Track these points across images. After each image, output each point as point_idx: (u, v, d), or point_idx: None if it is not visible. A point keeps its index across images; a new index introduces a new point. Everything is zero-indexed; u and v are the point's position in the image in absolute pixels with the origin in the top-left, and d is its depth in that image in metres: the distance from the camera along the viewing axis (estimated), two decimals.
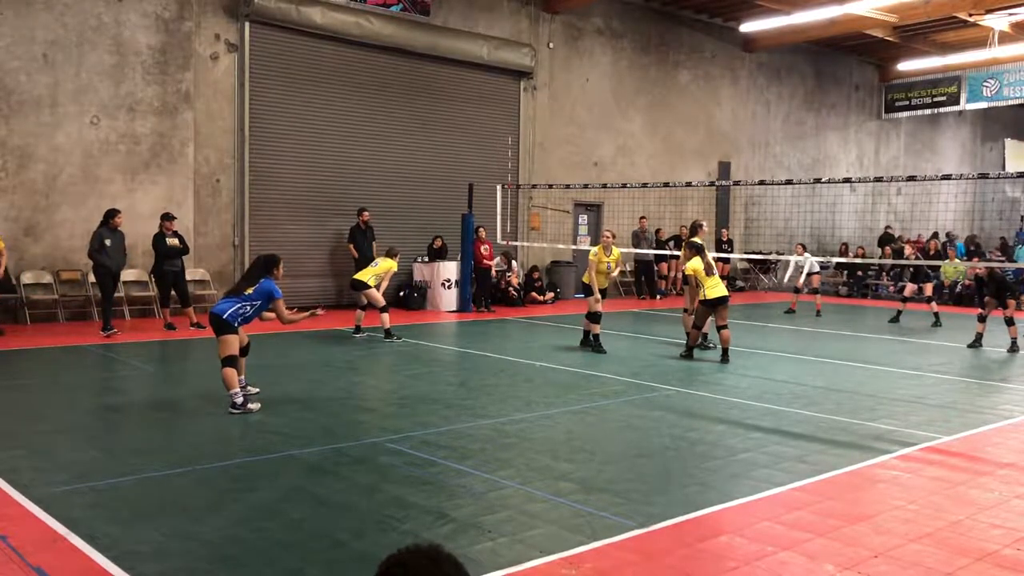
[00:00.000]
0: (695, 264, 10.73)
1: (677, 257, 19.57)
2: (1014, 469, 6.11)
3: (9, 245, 12.08)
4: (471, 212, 15.92)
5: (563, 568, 4.14)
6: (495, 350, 11.35)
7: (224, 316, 7.37)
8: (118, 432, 6.90)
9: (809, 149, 25.42)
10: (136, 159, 13.67)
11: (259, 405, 7.45)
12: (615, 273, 12.00)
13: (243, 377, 7.78)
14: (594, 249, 11.52)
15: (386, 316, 11.81)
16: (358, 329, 12.17)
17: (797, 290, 17.35)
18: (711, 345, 11.38)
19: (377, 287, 11.92)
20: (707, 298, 10.62)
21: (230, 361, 7.38)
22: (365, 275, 12.05)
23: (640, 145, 20.79)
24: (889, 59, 25.78)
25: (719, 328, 10.79)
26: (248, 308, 7.47)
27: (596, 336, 11.21)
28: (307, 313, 8.08)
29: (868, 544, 4.54)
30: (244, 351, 7.81)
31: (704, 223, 12.58)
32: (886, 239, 23.73)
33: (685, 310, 11.75)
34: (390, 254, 12.39)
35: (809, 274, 17.18)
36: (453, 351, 11.85)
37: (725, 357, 10.63)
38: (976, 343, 12.46)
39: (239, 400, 7.32)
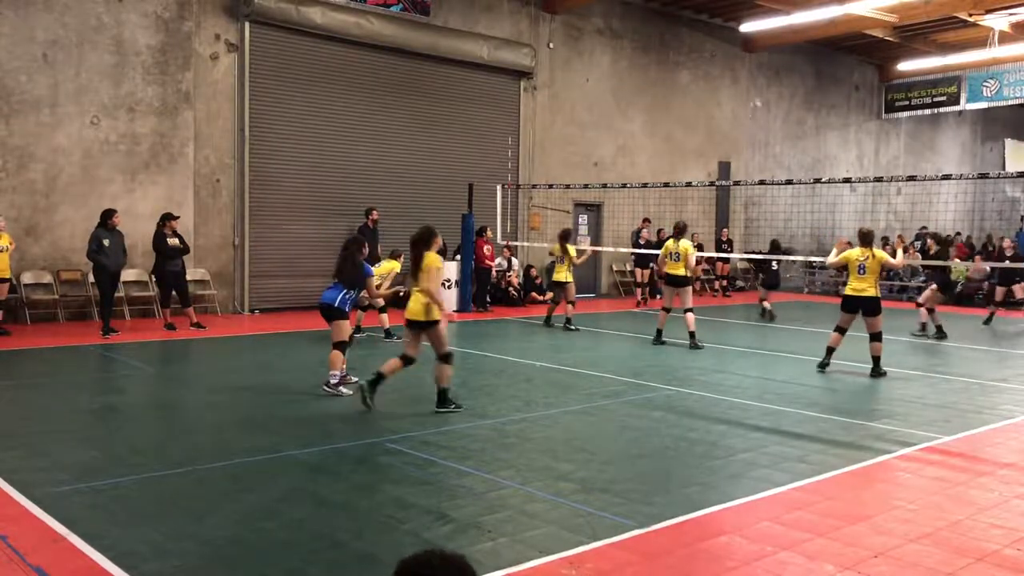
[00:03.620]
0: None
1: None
2: (1014, 469, 6.11)
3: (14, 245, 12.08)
4: (471, 212, 15.92)
5: (563, 568, 4.14)
6: (495, 350, 11.35)
7: (335, 304, 8.04)
8: (118, 432, 6.90)
9: (809, 149, 25.42)
10: (136, 159, 13.67)
11: (351, 391, 7.94)
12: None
13: (344, 367, 8.29)
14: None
15: (385, 316, 11.82)
16: (358, 329, 12.17)
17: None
18: (701, 345, 11.73)
19: (377, 287, 11.91)
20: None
21: (341, 345, 8.09)
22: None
23: (640, 145, 20.79)
24: (889, 59, 25.79)
25: (684, 312, 11.89)
26: (354, 292, 8.21)
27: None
28: (392, 291, 9.56)
29: (868, 544, 4.54)
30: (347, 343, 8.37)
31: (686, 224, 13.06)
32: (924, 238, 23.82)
33: (688, 310, 11.91)
34: (394, 256, 12.37)
35: None
36: (453, 351, 11.83)
37: (693, 342, 11.70)
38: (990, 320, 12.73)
39: (334, 381, 8.03)
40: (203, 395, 8.29)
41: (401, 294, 8.81)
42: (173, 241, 12.27)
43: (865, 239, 9.84)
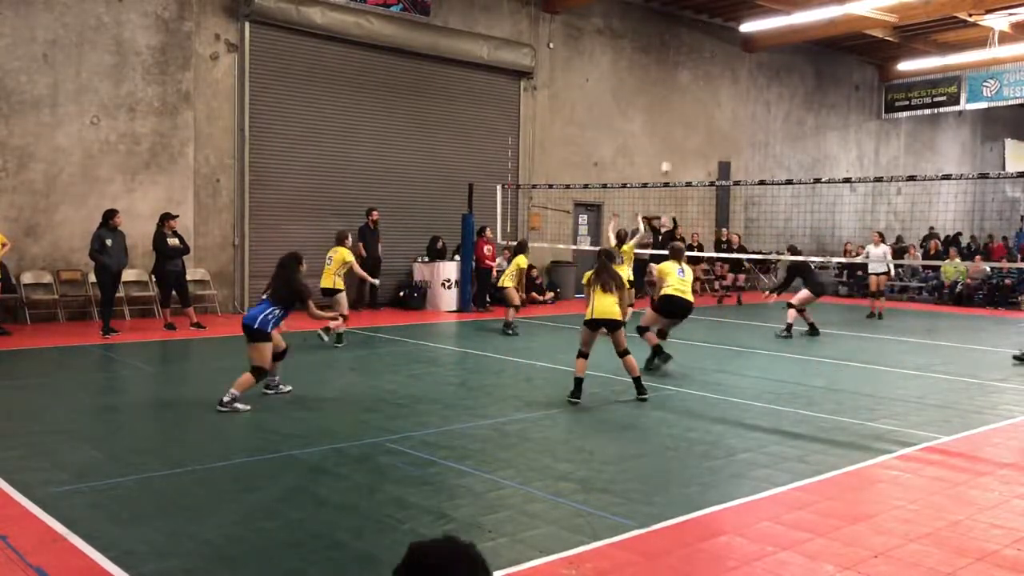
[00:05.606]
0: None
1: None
2: (1014, 469, 6.11)
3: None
4: (471, 212, 15.92)
5: (563, 568, 4.14)
6: (495, 350, 11.35)
7: (255, 325, 7.43)
8: (118, 432, 6.90)
9: (809, 149, 25.42)
10: (136, 159, 13.68)
11: (249, 407, 7.37)
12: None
13: (278, 376, 7.98)
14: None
15: (339, 322, 10.78)
16: (331, 333, 11.38)
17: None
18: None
19: (343, 290, 11.20)
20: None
21: (258, 372, 7.43)
22: (328, 280, 11.30)
23: (640, 145, 20.78)
24: (889, 59, 25.79)
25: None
26: (278, 310, 7.57)
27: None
28: (334, 314, 9.05)
29: (868, 544, 4.54)
30: (281, 355, 7.89)
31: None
32: (930, 238, 23.89)
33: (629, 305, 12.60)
34: (339, 240, 11.49)
35: (876, 274, 16.37)
36: (453, 351, 11.84)
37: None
38: (787, 332, 13.11)
39: (227, 399, 7.28)
40: (203, 395, 8.27)
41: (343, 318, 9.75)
42: (173, 241, 12.26)
43: (677, 254, 9.95)
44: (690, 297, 9.78)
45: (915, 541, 4.60)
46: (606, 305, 8.00)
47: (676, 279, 9.72)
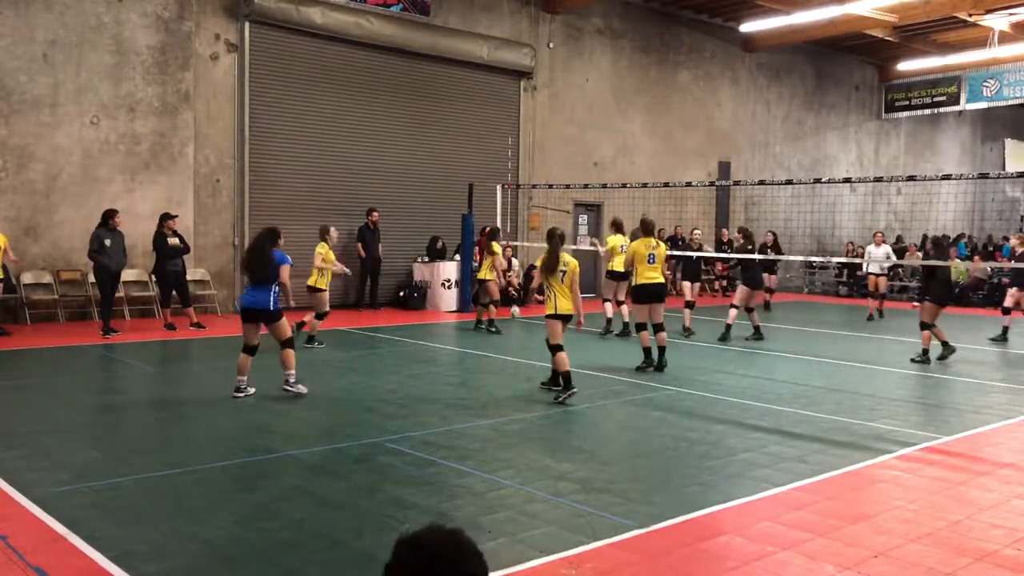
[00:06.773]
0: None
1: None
2: (1014, 469, 6.11)
3: (10, 245, 12.05)
4: (471, 212, 15.92)
5: (563, 568, 4.14)
6: (495, 350, 11.35)
7: (271, 308, 7.75)
8: (118, 432, 6.90)
9: (809, 149, 25.42)
10: (136, 159, 13.67)
11: (307, 389, 7.92)
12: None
13: (245, 377, 7.89)
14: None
15: (317, 322, 11.07)
16: (308, 338, 11.16)
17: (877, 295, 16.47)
18: (633, 334, 11.47)
19: (326, 289, 11.03)
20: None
21: (291, 343, 7.89)
22: (312, 278, 11.11)
23: (640, 145, 20.78)
24: (889, 59, 25.79)
25: (619, 304, 12.77)
26: (275, 286, 7.88)
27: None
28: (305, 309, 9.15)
29: (868, 544, 4.54)
30: (252, 350, 7.90)
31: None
32: (926, 240, 23.92)
33: (621, 302, 12.73)
34: (321, 235, 11.34)
35: (876, 274, 16.32)
36: (453, 351, 11.84)
37: (625, 330, 12.51)
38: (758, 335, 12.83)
39: (292, 380, 7.86)
40: (203, 395, 8.28)
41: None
42: (173, 241, 12.27)
43: (647, 228, 10.23)
44: (659, 280, 10.00)
45: (915, 541, 4.60)
46: (563, 300, 8.10)
47: (646, 266, 9.97)
